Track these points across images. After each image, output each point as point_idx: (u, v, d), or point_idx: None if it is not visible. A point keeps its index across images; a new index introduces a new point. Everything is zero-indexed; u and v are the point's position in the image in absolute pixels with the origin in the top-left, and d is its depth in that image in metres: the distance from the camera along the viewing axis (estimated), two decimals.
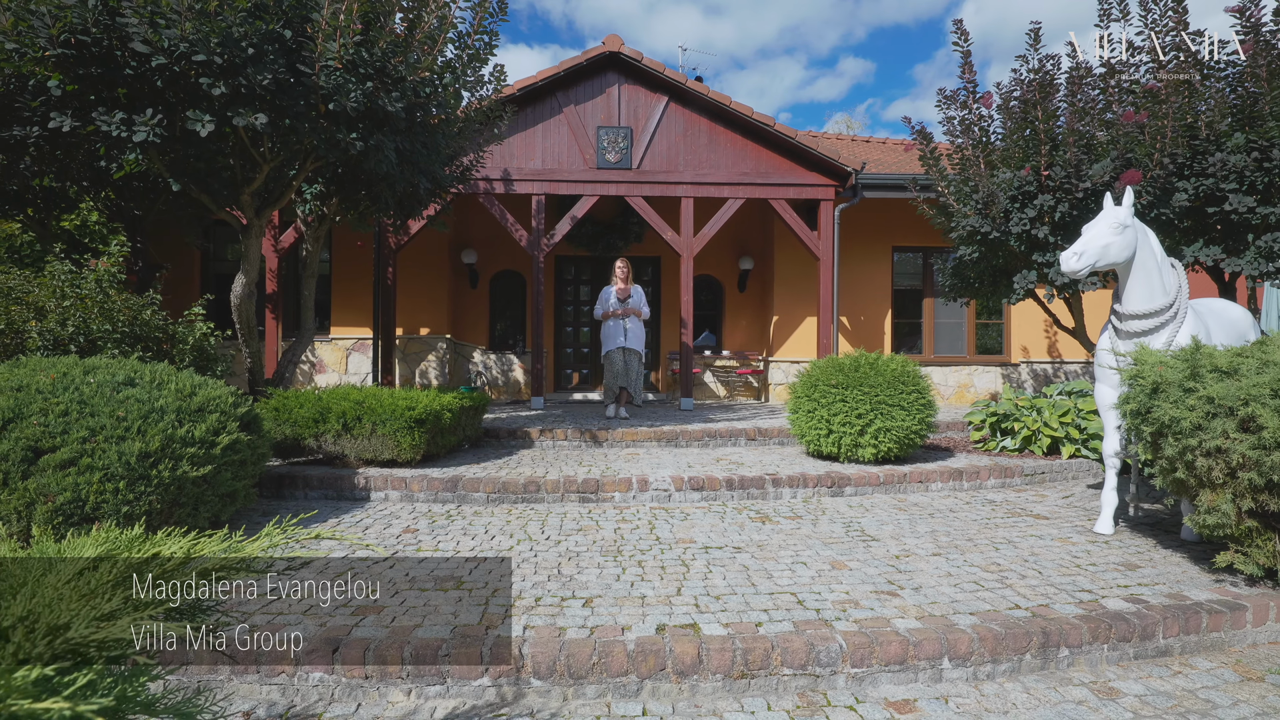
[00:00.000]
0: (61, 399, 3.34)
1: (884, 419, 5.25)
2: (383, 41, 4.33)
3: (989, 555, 3.49)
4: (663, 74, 8.64)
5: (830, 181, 8.94)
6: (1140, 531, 3.95)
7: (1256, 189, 5.02)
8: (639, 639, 2.44)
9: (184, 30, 3.66)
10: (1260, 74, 4.97)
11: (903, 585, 3.04)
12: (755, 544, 3.68)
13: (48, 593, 0.49)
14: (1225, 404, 2.73)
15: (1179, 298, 3.70)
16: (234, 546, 0.76)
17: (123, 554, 0.65)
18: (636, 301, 7.38)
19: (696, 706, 2.27)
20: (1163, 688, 2.42)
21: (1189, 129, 5.21)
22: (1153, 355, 3.24)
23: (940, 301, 10.31)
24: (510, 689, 2.32)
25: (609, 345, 7.42)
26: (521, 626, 2.55)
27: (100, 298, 4.73)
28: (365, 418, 4.87)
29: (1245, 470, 2.69)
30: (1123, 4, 5.55)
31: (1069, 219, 5.35)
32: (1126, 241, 3.60)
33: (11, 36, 3.68)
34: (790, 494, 4.82)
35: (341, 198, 5.86)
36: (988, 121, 6.08)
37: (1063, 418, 5.75)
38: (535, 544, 3.66)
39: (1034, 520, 4.22)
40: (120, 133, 3.86)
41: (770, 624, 2.59)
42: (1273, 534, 2.82)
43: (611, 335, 7.39)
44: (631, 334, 7.33)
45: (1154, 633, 2.66)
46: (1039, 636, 2.54)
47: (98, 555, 0.60)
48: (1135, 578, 3.15)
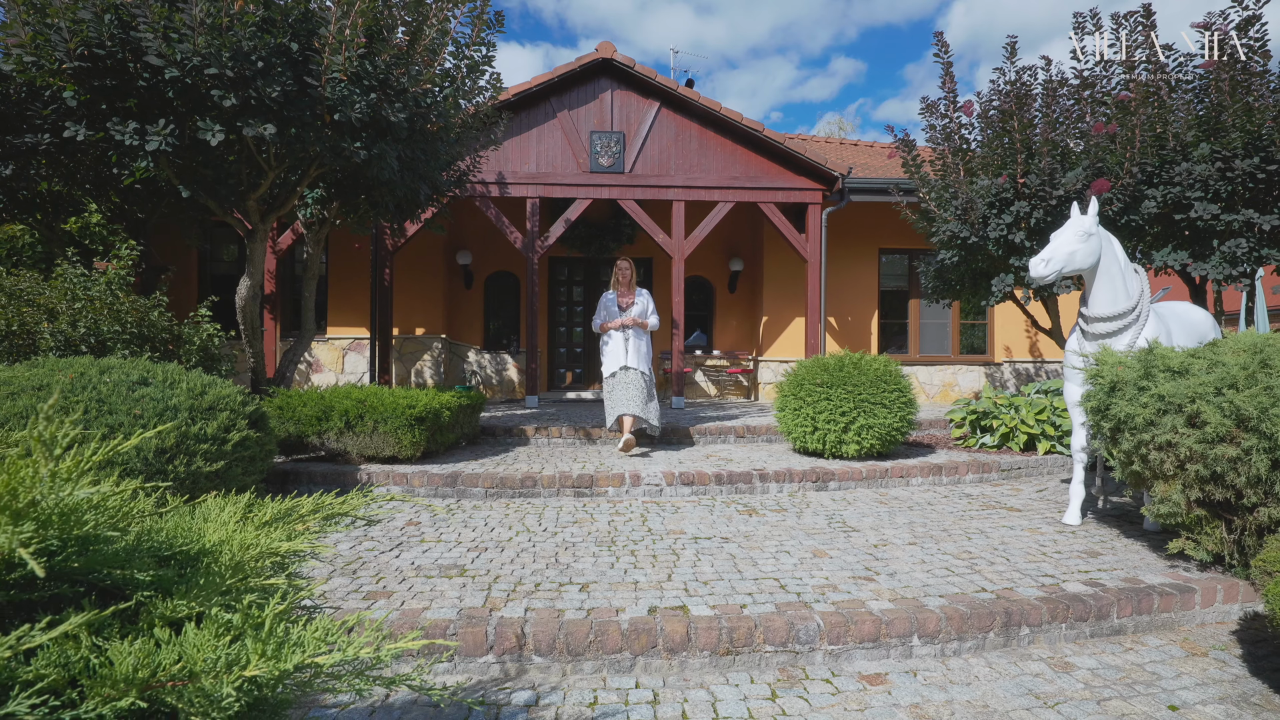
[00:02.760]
0: (81, 398, 3.50)
1: (867, 416, 5.46)
2: (386, 54, 4.51)
3: (962, 544, 3.71)
4: (654, 80, 8.84)
5: (818, 186, 9.16)
6: (1106, 523, 4.18)
7: (1220, 197, 5.26)
8: (632, 619, 2.63)
9: (196, 44, 3.83)
10: (1224, 87, 5.21)
11: (879, 571, 3.24)
12: (742, 535, 3.88)
13: (250, 531, 0.69)
14: (1175, 401, 2.95)
15: (1141, 301, 3.92)
16: (333, 502, 0.96)
17: (265, 510, 0.84)
18: (641, 309, 6.09)
19: (685, 680, 2.47)
20: (1114, 662, 2.63)
21: (1158, 139, 5.46)
22: (1112, 356, 3.46)
23: (925, 302, 10.56)
24: (513, 665, 2.51)
25: (609, 365, 6.02)
26: (523, 609, 2.74)
27: (110, 300, 4.88)
28: (367, 416, 5.05)
29: (1192, 463, 2.92)
30: (1095, 18, 5.79)
31: (1044, 225, 5.59)
32: (1091, 249, 3.82)
33: (30, 50, 3.83)
34: (776, 488, 5.03)
35: (342, 202, 6.02)
36: (968, 129, 6.31)
37: (1039, 415, 5.99)
38: (533, 535, 3.85)
39: (1007, 512, 4.44)
40: (133, 142, 4.02)
41: (754, 606, 2.79)
42: (1220, 522, 3.04)
43: (612, 353, 6.03)
44: (634, 349, 5.97)
45: (1109, 613, 2.88)
46: (1002, 616, 2.75)
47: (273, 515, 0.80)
48: (1096, 564, 3.37)
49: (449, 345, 10.62)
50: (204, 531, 0.66)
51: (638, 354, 5.98)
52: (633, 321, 5.99)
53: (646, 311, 6.09)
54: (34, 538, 0.50)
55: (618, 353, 5.96)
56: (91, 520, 0.56)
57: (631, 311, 6.05)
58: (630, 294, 6.13)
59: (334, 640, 0.64)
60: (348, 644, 0.63)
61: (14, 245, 7.80)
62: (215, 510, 0.75)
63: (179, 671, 0.50)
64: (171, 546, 0.62)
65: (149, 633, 0.55)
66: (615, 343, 5.99)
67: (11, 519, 0.50)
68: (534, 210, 8.98)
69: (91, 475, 0.61)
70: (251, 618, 0.58)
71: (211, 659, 0.51)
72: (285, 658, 0.56)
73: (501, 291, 11.30)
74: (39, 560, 0.46)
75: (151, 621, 0.56)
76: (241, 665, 0.53)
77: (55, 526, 0.53)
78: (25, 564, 0.50)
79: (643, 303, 6.10)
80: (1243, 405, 2.69)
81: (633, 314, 6.04)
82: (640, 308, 6.07)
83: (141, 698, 0.49)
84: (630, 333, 5.99)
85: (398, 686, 0.86)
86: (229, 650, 0.53)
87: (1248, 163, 5.02)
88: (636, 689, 2.40)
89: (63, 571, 0.55)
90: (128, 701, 0.48)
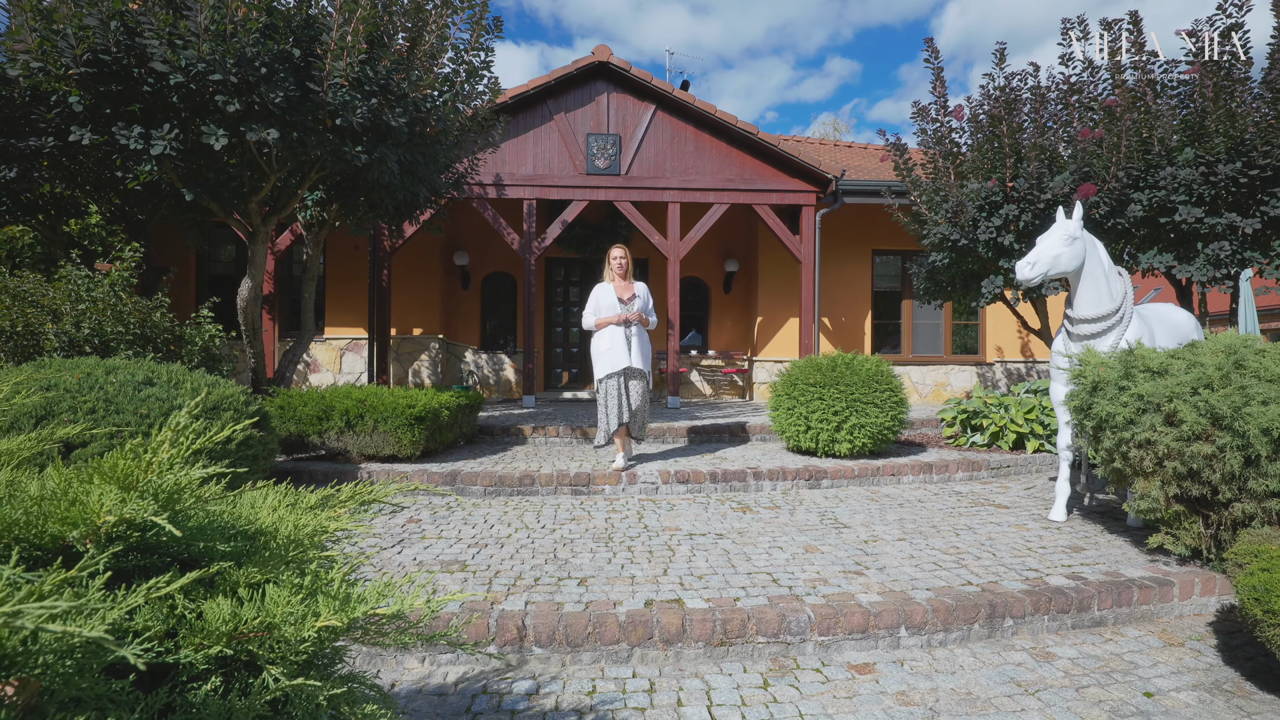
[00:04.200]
0: (88, 397, 3.57)
1: (859, 416, 5.56)
2: (386, 60, 4.59)
3: (950, 540, 3.81)
4: (650, 83, 8.93)
5: (811, 188, 9.26)
6: (1091, 519, 4.28)
7: (1204, 201, 5.38)
8: (629, 612, 2.72)
9: (201, 51, 3.90)
10: (1207, 93, 5.33)
11: (868, 566, 3.34)
12: (736, 531, 3.97)
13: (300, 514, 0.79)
14: (1153, 401, 3.05)
15: (1125, 303, 4.03)
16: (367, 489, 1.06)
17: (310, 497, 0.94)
18: (642, 304, 5.21)
19: (680, 670, 2.56)
20: (1094, 652, 2.73)
21: (1143, 144, 5.57)
22: (1095, 357, 3.56)
23: (918, 303, 10.67)
24: (515, 656, 2.60)
25: (607, 367, 5.07)
26: (524, 602, 2.82)
27: (113, 301, 4.95)
28: (367, 415, 5.12)
29: (1170, 460, 3.02)
30: (1083, 25, 5.90)
31: (1032, 227, 5.70)
32: (1076, 252, 3.92)
33: (36, 56, 3.90)
34: (770, 486, 5.12)
35: (341, 204, 6.10)
36: (959, 134, 6.42)
37: (1028, 414, 6.10)
38: (532, 532, 3.94)
39: (995, 509, 4.54)
40: (138, 145, 4.09)
41: (747, 599, 2.88)
42: (1197, 517, 3.15)
43: (611, 352, 5.07)
44: (638, 349, 5.14)
45: (1090, 605, 2.98)
46: (986, 608, 2.85)
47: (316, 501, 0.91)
48: (1079, 558, 3.47)
49: (446, 345, 10.69)
50: (257, 515, 0.75)
51: (642, 354, 5.15)
52: (637, 316, 5.08)
53: (647, 306, 5.25)
54: (156, 510, 0.59)
55: (619, 352, 5.04)
56: (184, 499, 0.65)
57: (634, 305, 5.15)
58: (629, 286, 5.22)
59: (390, 595, 0.74)
60: (402, 598, 0.73)
61: (13, 246, 7.84)
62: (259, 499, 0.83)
63: (258, 624, 0.59)
64: (235, 526, 0.71)
65: (233, 594, 0.64)
66: (616, 340, 5.06)
67: (138, 495, 0.59)
68: (531, 212, 9.06)
69: (183, 463, 0.71)
70: (320, 579, 0.67)
71: (289, 612, 0.59)
72: (353, 609, 0.65)
73: (498, 292, 11.37)
74: (172, 524, 0.55)
75: (231, 586, 0.65)
76: (315, 616, 0.62)
77: (161, 503, 0.62)
78: (123, 538, 0.59)
79: (644, 296, 5.23)
80: (1217, 404, 2.79)
81: (637, 307, 5.15)
82: (642, 302, 5.19)
83: (228, 646, 0.58)
84: (634, 329, 5.12)
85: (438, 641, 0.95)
86: (302, 606, 0.62)
87: (1230, 167, 5.13)
88: (634, 678, 2.49)
89: (154, 545, 0.63)
90: (216, 649, 0.57)
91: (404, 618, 0.78)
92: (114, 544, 0.60)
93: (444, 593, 2.90)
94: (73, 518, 0.59)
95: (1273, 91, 5.12)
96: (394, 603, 0.74)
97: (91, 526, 0.59)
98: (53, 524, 0.59)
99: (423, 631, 0.88)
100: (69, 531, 0.59)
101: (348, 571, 0.75)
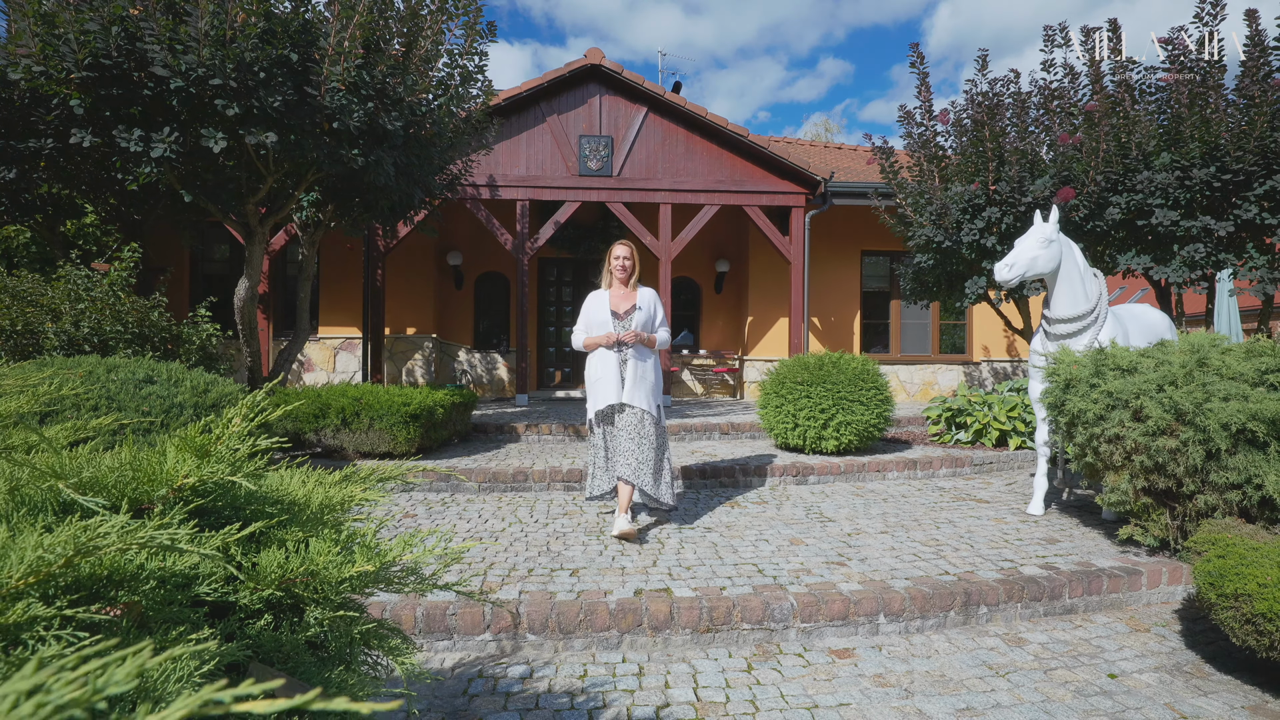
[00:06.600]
0: (91, 395, 3.65)
1: (845, 413, 5.69)
2: (383, 65, 4.68)
3: (930, 533, 3.93)
4: (642, 86, 9.04)
5: (801, 189, 9.40)
6: (1068, 513, 4.42)
7: (1180, 204, 5.53)
8: (619, 600, 2.83)
9: (201, 56, 3.98)
10: (1183, 99, 5.48)
11: (850, 557, 3.46)
12: (724, 525, 4.09)
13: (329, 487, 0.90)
14: (1122, 397, 3.19)
15: (1099, 304, 4.17)
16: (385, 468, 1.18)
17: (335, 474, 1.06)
18: (646, 317, 3.89)
19: (668, 655, 2.67)
20: (1063, 637, 2.86)
21: (1121, 148, 5.72)
22: (1069, 355, 3.70)
23: (906, 303, 10.82)
24: (509, 643, 2.70)
25: (592, 403, 3.88)
26: (518, 591, 2.93)
27: (111, 300, 5.02)
28: (363, 413, 5.21)
29: (1138, 454, 3.15)
30: (1064, 32, 6.05)
31: (1014, 229, 5.84)
32: (1052, 254, 4.06)
33: (38, 60, 3.97)
34: (758, 482, 5.24)
35: (337, 205, 6.17)
36: (944, 138, 6.56)
37: (1010, 412, 6.24)
38: (525, 526, 4.04)
39: (976, 504, 4.68)
40: (138, 148, 4.17)
41: (733, 588, 3.00)
42: (1164, 509, 3.29)
43: (601, 384, 3.83)
44: (634, 378, 3.79)
45: (1061, 593, 3.11)
46: (962, 597, 2.97)
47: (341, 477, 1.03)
48: (1054, 550, 3.61)
49: (440, 345, 10.77)
50: (288, 488, 0.86)
51: (642, 385, 3.80)
52: (633, 336, 3.78)
53: (654, 321, 3.93)
54: (229, 471, 0.70)
55: (607, 384, 3.80)
56: (246, 467, 0.76)
57: (634, 321, 3.85)
58: (630, 294, 3.92)
59: (412, 546, 0.85)
60: (424, 549, 0.84)
61: (10, 246, 7.88)
62: (287, 476, 0.94)
63: (304, 571, 0.70)
64: (276, 495, 0.82)
65: (282, 546, 0.75)
66: (606, 368, 3.80)
67: (215, 460, 0.70)
68: (524, 212, 9.16)
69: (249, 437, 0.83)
70: (356, 534, 0.77)
71: (330, 560, 0.70)
72: (384, 555, 0.76)
73: (491, 292, 11.46)
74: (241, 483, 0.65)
75: (279, 541, 0.76)
76: (352, 564, 0.72)
77: (234, 467, 0.73)
78: (190, 500, 0.70)
79: (649, 307, 3.91)
80: (1180, 400, 2.93)
81: (636, 322, 3.85)
82: (645, 315, 3.88)
83: (278, 589, 0.68)
84: (630, 352, 3.81)
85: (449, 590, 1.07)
86: (340, 555, 0.73)
87: (1205, 172, 5.29)
88: (623, 663, 2.60)
89: (212, 509, 0.74)
90: (268, 592, 0.68)
91: (418, 572, 0.90)
92: (187, 504, 0.71)
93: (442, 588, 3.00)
94: (158, 478, 0.70)
95: (1245, 99, 5.27)
96: (418, 551, 0.85)
97: (172, 487, 0.70)
98: (143, 484, 0.69)
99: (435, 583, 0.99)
100: (156, 490, 0.70)
101: (376, 529, 0.86)
